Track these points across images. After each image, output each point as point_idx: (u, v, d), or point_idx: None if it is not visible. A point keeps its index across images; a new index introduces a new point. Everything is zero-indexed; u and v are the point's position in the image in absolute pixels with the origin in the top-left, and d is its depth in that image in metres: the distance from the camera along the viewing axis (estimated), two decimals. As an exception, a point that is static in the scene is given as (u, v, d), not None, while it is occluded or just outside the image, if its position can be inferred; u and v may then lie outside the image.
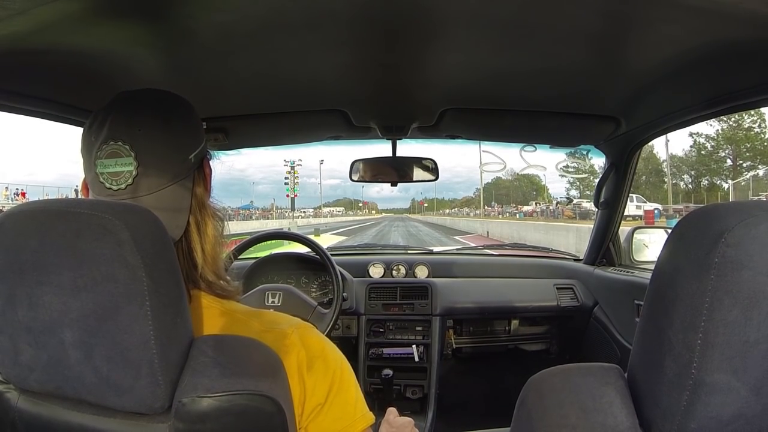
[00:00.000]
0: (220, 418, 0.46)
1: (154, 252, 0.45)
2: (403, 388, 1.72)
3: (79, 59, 0.79)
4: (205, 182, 0.61)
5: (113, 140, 0.54)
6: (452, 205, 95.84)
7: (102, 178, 0.54)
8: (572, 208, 29.09)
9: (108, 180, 0.54)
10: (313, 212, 63.81)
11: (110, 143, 0.53)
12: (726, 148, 30.22)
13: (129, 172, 0.53)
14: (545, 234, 16.30)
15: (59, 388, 0.47)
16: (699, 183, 31.99)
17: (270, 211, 40.93)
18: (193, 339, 0.49)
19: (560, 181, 56.93)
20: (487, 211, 53.39)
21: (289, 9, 0.69)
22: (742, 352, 0.39)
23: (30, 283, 0.44)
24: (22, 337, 0.46)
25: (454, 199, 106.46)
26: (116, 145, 0.53)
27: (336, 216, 72.96)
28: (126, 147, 0.53)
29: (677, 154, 32.71)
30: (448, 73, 1.00)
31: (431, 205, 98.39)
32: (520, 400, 0.53)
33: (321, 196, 66.26)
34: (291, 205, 39.65)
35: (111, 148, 0.53)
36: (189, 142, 0.58)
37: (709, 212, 0.43)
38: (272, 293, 1.39)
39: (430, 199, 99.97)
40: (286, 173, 37.06)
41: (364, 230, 29.16)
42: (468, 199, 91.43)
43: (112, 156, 0.53)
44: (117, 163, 0.53)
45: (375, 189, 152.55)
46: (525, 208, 41.55)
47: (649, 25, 0.75)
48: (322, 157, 70.03)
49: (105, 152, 0.53)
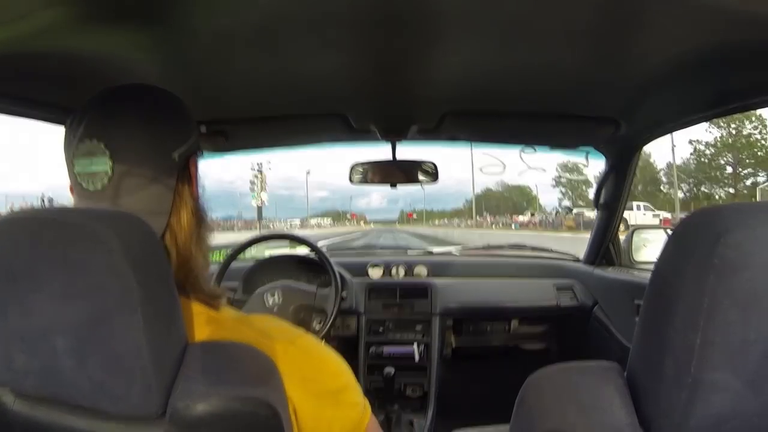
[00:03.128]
0: (215, 423, 0.45)
1: (146, 260, 0.45)
2: (403, 387, 1.72)
3: (80, 63, 0.80)
4: (191, 182, 0.58)
5: (88, 138, 0.51)
6: (441, 216, 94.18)
7: (79, 179, 0.52)
8: (574, 218, 28.53)
9: (85, 180, 0.52)
10: (300, 223, 61.45)
11: (85, 141, 0.51)
12: (726, 155, 29.99)
13: (104, 172, 0.51)
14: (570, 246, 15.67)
15: (54, 393, 0.47)
16: (698, 191, 31.78)
17: (253, 222, 38.77)
18: (187, 345, 0.49)
19: (551, 192, 56.92)
20: (479, 222, 52.70)
21: (290, 12, 0.70)
22: (742, 352, 0.39)
23: (22, 291, 0.44)
24: (15, 345, 0.46)
25: (444, 210, 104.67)
26: (91, 144, 0.51)
27: (323, 228, 69.46)
28: (101, 145, 0.51)
29: (674, 162, 32.51)
30: (450, 75, 1.01)
31: (420, 216, 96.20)
32: (519, 398, 0.53)
33: (308, 207, 63.09)
34: (258, 215, 33.25)
35: (86, 147, 0.51)
36: (173, 139, 0.55)
37: (709, 213, 0.43)
38: (270, 293, 1.38)
39: (419, 211, 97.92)
40: (253, 177, 31.29)
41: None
42: (457, 210, 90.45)
43: (87, 155, 0.51)
44: (93, 162, 0.51)
45: (363, 201, 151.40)
46: (520, 218, 40.51)
47: (649, 27, 0.75)
48: (310, 164, 68.67)
49: (81, 151, 0.51)
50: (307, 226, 60.14)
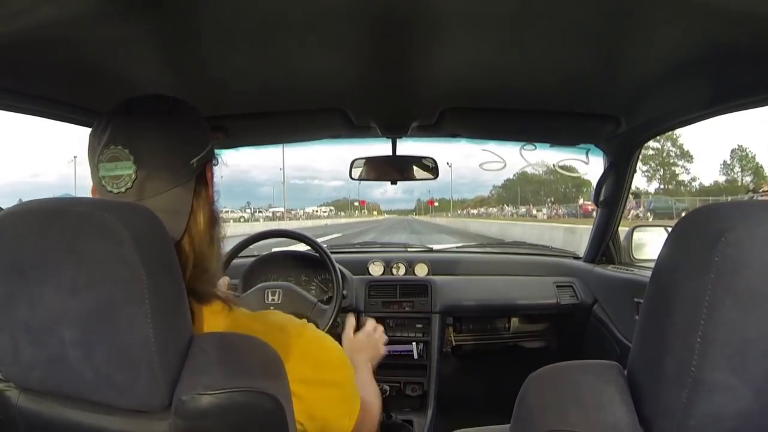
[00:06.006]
0: (220, 415, 0.46)
1: (154, 251, 0.45)
2: (402, 386, 1.72)
3: (81, 58, 0.80)
4: (207, 187, 0.62)
5: (114, 144, 0.55)
6: (463, 206, 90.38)
7: (104, 182, 0.55)
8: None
9: (109, 183, 0.55)
10: (271, 215, 56.08)
11: (111, 147, 0.55)
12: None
13: (129, 176, 0.54)
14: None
15: (59, 386, 0.47)
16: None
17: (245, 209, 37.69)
18: (193, 337, 0.49)
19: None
20: (503, 212, 49.00)
21: (290, 7, 0.69)
22: (742, 351, 0.39)
23: (29, 282, 0.44)
24: (22, 336, 0.46)
25: (465, 200, 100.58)
26: (116, 149, 0.55)
27: (316, 218, 61.29)
28: (125, 151, 0.54)
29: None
30: (449, 71, 1.00)
31: (443, 205, 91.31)
32: (519, 397, 0.53)
33: (285, 197, 56.85)
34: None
35: (112, 152, 0.55)
36: (191, 147, 0.59)
37: (710, 211, 0.43)
38: (272, 291, 1.39)
39: (440, 199, 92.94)
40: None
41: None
42: (482, 198, 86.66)
43: (112, 160, 0.55)
44: (117, 166, 0.55)
45: (379, 190, 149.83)
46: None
47: (649, 25, 0.75)
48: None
49: (106, 156, 0.55)
50: (283, 218, 52.87)
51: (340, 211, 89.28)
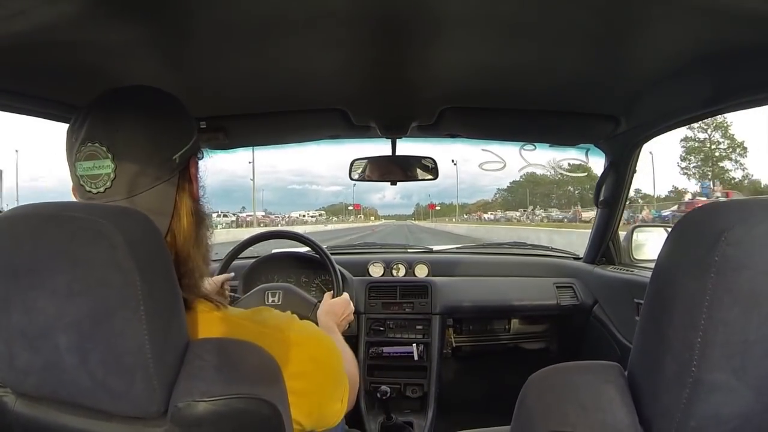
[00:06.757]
0: (216, 422, 0.45)
1: (148, 256, 0.45)
2: (403, 387, 1.72)
3: (79, 59, 0.80)
4: (191, 183, 0.59)
5: (90, 141, 0.52)
6: (466, 210, 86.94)
7: (82, 181, 0.53)
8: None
9: (88, 183, 0.53)
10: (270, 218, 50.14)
11: (88, 144, 0.52)
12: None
13: (107, 175, 0.52)
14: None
15: (55, 392, 0.47)
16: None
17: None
18: (189, 343, 0.49)
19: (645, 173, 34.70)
20: (507, 216, 44.68)
21: (289, 7, 0.69)
22: (742, 351, 0.39)
23: (24, 288, 0.44)
24: (17, 342, 0.45)
25: (466, 204, 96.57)
26: (93, 147, 0.52)
27: (302, 224, 52.88)
28: (103, 148, 0.52)
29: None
30: (448, 71, 1.00)
31: (444, 209, 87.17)
32: (520, 398, 0.53)
33: (254, 201, 51.18)
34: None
35: (89, 150, 0.52)
36: (173, 142, 0.56)
37: (710, 211, 0.43)
38: (272, 292, 1.39)
39: (440, 203, 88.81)
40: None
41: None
42: (485, 202, 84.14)
43: (89, 158, 0.52)
44: (95, 165, 0.52)
45: (377, 195, 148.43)
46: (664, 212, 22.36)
47: (649, 25, 0.75)
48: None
49: (84, 154, 0.52)
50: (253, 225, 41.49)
51: (333, 216, 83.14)
